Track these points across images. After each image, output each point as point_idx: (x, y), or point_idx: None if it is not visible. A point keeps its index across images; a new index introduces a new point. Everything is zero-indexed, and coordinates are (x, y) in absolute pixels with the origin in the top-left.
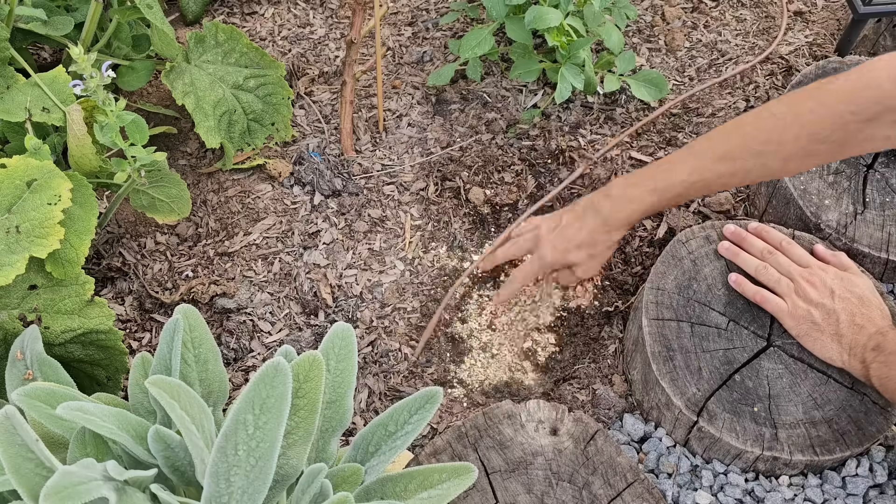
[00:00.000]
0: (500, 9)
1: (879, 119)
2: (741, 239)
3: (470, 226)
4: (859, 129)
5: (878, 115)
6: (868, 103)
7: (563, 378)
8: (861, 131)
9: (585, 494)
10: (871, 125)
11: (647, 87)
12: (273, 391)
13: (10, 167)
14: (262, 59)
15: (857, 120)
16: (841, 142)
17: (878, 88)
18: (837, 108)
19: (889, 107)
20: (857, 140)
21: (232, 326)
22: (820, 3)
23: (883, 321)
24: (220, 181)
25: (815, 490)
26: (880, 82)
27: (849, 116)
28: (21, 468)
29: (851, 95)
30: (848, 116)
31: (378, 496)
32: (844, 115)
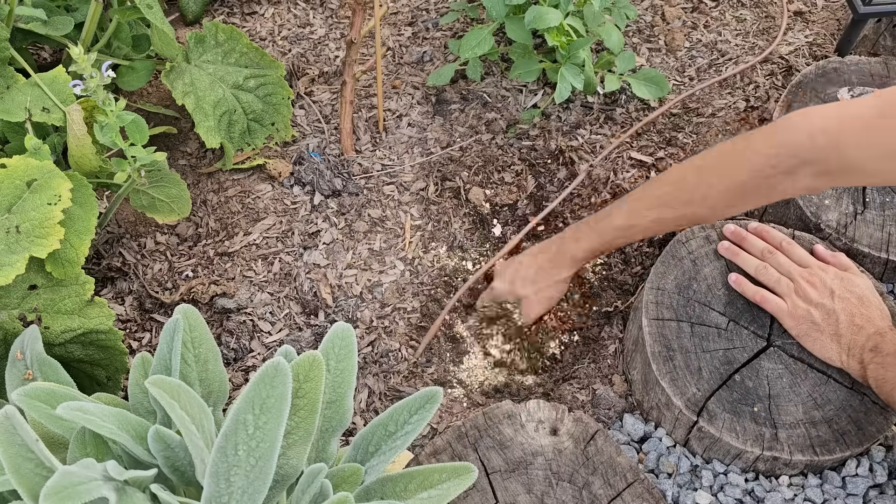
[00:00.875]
0: (500, 9)
1: (798, 172)
2: (741, 239)
3: (470, 226)
4: (780, 181)
5: (797, 168)
6: (787, 158)
7: (563, 378)
8: (781, 183)
9: (585, 494)
10: (791, 177)
11: (647, 85)
12: (273, 391)
13: (10, 167)
14: (262, 59)
15: (778, 173)
16: (763, 194)
17: (797, 145)
18: (761, 164)
19: (807, 160)
20: (779, 191)
21: (232, 326)
22: (820, 3)
23: (882, 322)
24: (220, 181)
25: (815, 490)
26: (799, 139)
27: (769, 170)
28: (21, 468)
29: (773, 152)
30: (769, 170)
31: (378, 496)
32: (765, 170)
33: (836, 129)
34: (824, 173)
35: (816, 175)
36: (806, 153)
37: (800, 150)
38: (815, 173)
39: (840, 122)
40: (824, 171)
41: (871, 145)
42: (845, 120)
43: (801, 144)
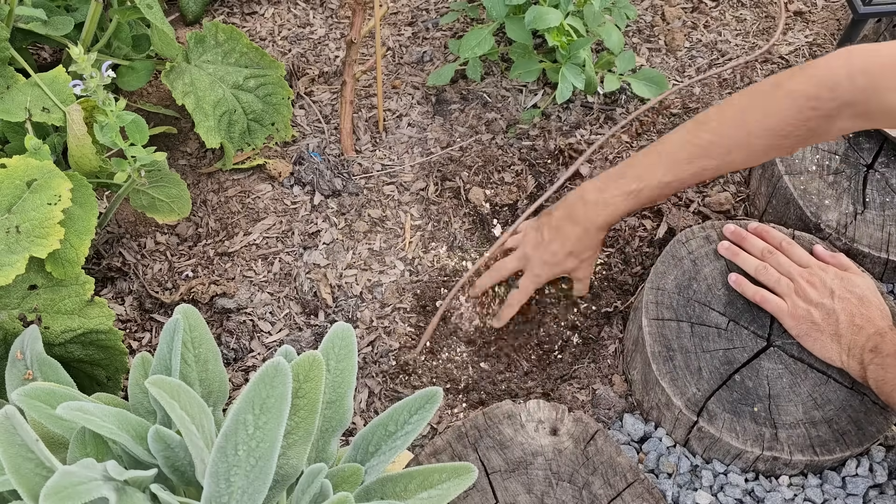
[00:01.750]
0: (500, 9)
1: (838, 114)
2: (741, 239)
3: (470, 226)
4: (819, 123)
5: (837, 110)
6: (826, 99)
7: (563, 378)
8: (821, 125)
9: (585, 494)
10: (830, 119)
11: (647, 85)
12: (273, 391)
13: (10, 167)
14: (262, 59)
15: (818, 115)
16: (803, 136)
17: (837, 86)
18: (800, 105)
19: (846, 101)
20: (818, 133)
21: (232, 326)
22: (820, 3)
23: (882, 322)
24: (220, 181)
25: (815, 490)
26: (838, 79)
27: (810, 112)
28: (21, 468)
29: (812, 93)
30: (809, 112)
31: (378, 496)
32: (805, 111)
33: (878, 70)
34: (863, 115)
35: (855, 116)
36: (846, 94)
37: (840, 91)
38: (854, 114)
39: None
40: (863, 112)
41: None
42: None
43: (840, 85)
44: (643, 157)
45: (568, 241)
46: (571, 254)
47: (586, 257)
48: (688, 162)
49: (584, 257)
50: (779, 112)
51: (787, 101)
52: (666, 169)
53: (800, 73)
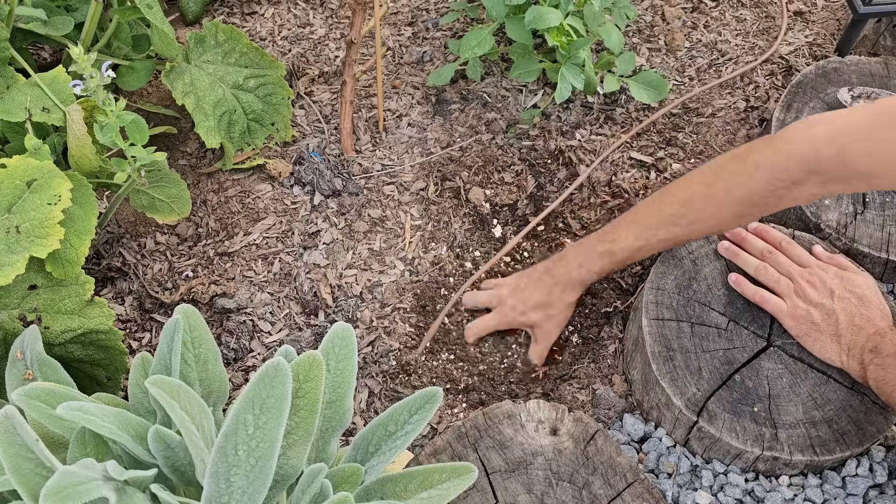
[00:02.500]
0: (500, 9)
1: (805, 182)
2: (741, 239)
3: (470, 226)
4: (787, 191)
5: (804, 179)
6: (795, 171)
7: (563, 378)
8: (789, 193)
9: (585, 494)
10: (797, 188)
11: (646, 89)
12: (273, 391)
13: (10, 167)
14: (262, 59)
15: (785, 185)
16: (771, 204)
17: (803, 158)
18: (767, 177)
19: (813, 171)
20: (785, 200)
21: (232, 326)
22: (820, 3)
23: (882, 322)
24: (220, 181)
25: (815, 490)
26: (803, 153)
27: (778, 183)
28: (21, 468)
29: (780, 165)
30: (777, 183)
31: (378, 496)
32: (774, 183)
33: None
34: (832, 181)
35: (824, 183)
36: (812, 164)
37: (806, 162)
38: (822, 182)
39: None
40: (832, 179)
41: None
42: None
43: (806, 156)
44: (619, 223)
45: (539, 292)
46: (539, 306)
47: (552, 314)
48: (656, 229)
49: (551, 314)
50: (746, 184)
51: (754, 173)
52: (636, 235)
53: (765, 147)
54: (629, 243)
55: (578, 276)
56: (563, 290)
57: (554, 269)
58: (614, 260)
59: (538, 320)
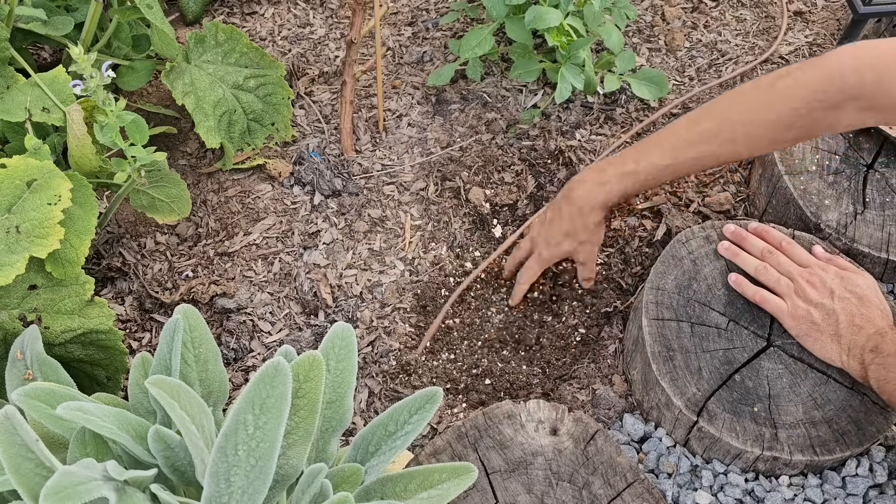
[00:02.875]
0: (500, 9)
1: (843, 107)
2: (741, 239)
3: (470, 226)
4: (824, 115)
5: (842, 104)
6: (833, 93)
7: (563, 378)
8: (826, 118)
9: (585, 494)
10: (835, 112)
11: (647, 85)
12: (273, 391)
13: (10, 167)
14: (262, 59)
15: (823, 108)
16: (807, 127)
17: (842, 79)
18: (805, 98)
19: (852, 96)
20: (822, 125)
21: (232, 326)
22: (820, 3)
23: (883, 322)
24: (220, 181)
25: (815, 490)
26: (844, 74)
27: (815, 104)
28: (21, 468)
29: (819, 86)
30: (815, 104)
31: (378, 496)
32: (811, 104)
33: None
34: (870, 108)
35: (862, 110)
36: (852, 89)
37: (846, 86)
38: (861, 108)
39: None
40: (871, 106)
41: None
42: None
43: (847, 79)
44: (643, 142)
45: (564, 222)
46: (568, 235)
47: (583, 240)
48: (687, 146)
49: (581, 239)
50: (784, 102)
51: (793, 91)
52: (664, 152)
53: (808, 66)
54: (654, 162)
55: (600, 198)
56: (587, 213)
57: (573, 192)
58: (638, 180)
59: (572, 248)
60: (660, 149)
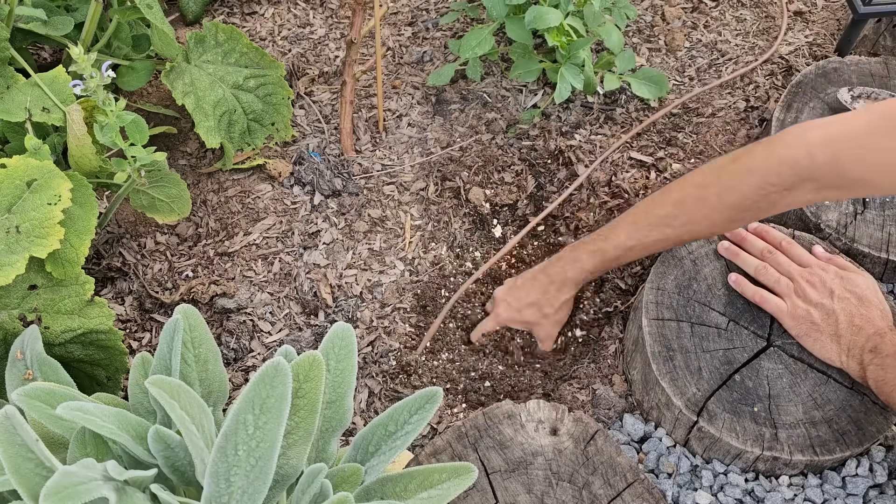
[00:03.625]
0: (500, 9)
1: (799, 188)
2: (741, 239)
3: (470, 226)
4: (780, 197)
5: (797, 185)
6: (787, 176)
7: (563, 378)
8: (782, 199)
9: (585, 494)
10: (790, 193)
11: (647, 85)
12: (273, 391)
13: (10, 167)
14: (262, 59)
15: (778, 191)
16: (765, 209)
17: (796, 164)
18: (760, 181)
19: (806, 178)
20: (778, 206)
21: (232, 326)
22: (820, 3)
23: (882, 322)
24: (220, 181)
25: (815, 490)
26: (796, 157)
27: (770, 188)
28: (21, 468)
29: (773, 169)
30: (769, 188)
31: (378, 496)
32: (766, 188)
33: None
34: (826, 188)
35: (819, 189)
36: (805, 171)
37: (800, 169)
38: (816, 188)
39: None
40: (826, 185)
41: (869, 160)
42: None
43: (799, 162)
44: (615, 223)
45: (534, 291)
46: (534, 304)
47: (548, 313)
48: (649, 229)
49: (546, 313)
50: (739, 188)
51: (747, 177)
52: (628, 234)
53: (759, 150)
54: (621, 242)
55: (572, 274)
56: (558, 288)
57: (549, 268)
58: (606, 258)
59: (534, 319)
60: (626, 230)
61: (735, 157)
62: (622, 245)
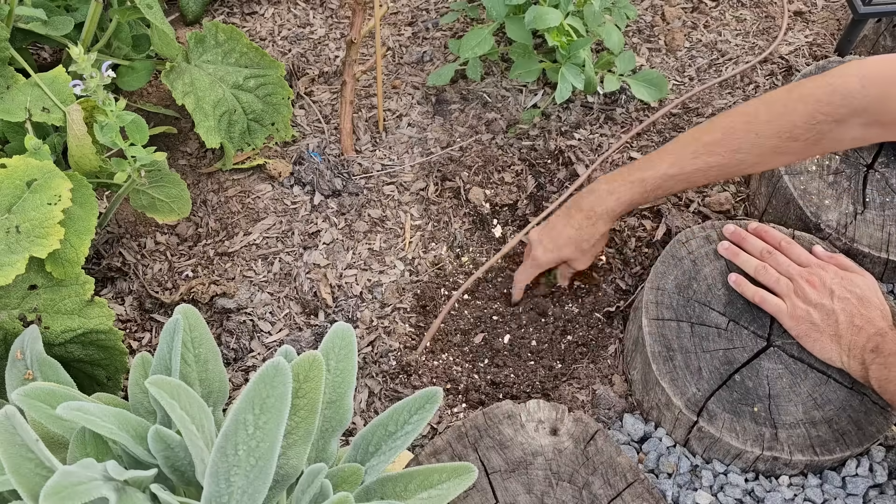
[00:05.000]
0: (500, 9)
1: (848, 121)
2: (741, 239)
3: (470, 226)
4: (830, 129)
5: (848, 118)
6: (839, 106)
7: (563, 378)
8: (832, 131)
9: (585, 494)
10: (840, 126)
11: (647, 87)
12: (273, 391)
13: (10, 167)
14: (262, 59)
15: (829, 121)
16: (813, 140)
17: (848, 93)
18: (811, 110)
19: (857, 110)
20: (828, 139)
21: (232, 326)
22: (820, 3)
23: (883, 322)
24: (220, 181)
25: (815, 490)
26: (850, 88)
27: (821, 117)
28: (21, 468)
29: (824, 98)
30: (820, 117)
31: (378, 496)
32: (816, 116)
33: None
34: (875, 124)
35: (867, 125)
36: (857, 102)
37: (851, 99)
38: (865, 123)
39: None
40: (875, 121)
41: None
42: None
43: (852, 92)
44: (654, 153)
45: (571, 227)
46: (571, 240)
47: (586, 248)
48: (693, 157)
49: (584, 248)
50: (789, 113)
51: (798, 103)
52: (671, 162)
53: (813, 79)
54: (662, 171)
55: (609, 206)
56: (594, 221)
57: (583, 200)
58: (645, 189)
59: (571, 255)
60: (668, 159)
61: (789, 88)
62: (664, 174)
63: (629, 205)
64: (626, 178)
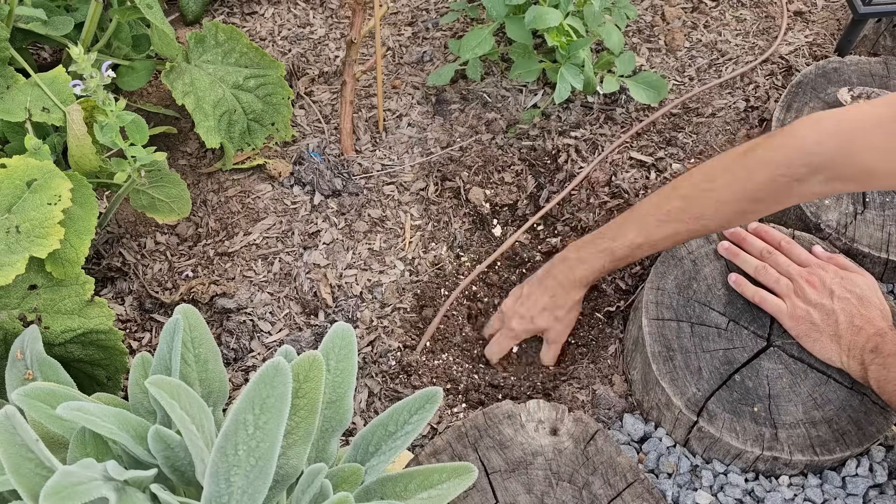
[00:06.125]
0: (500, 9)
1: (809, 179)
2: (741, 239)
3: (470, 226)
4: (790, 188)
5: (808, 176)
6: (799, 167)
7: (563, 378)
8: (792, 190)
9: (585, 494)
10: (801, 184)
11: (645, 89)
12: (273, 391)
13: (10, 167)
14: (262, 59)
15: (788, 181)
16: (774, 200)
17: (807, 153)
18: (771, 173)
19: (818, 167)
20: (790, 198)
21: (232, 326)
22: (820, 3)
23: (882, 322)
24: (220, 181)
25: (815, 490)
26: (808, 147)
27: (782, 180)
28: (21, 468)
29: (783, 161)
30: (782, 180)
31: (378, 496)
32: (777, 178)
33: (847, 132)
34: (837, 178)
35: (828, 181)
36: (817, 160)
37: (811, 157)
38: (826, 179)
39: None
40: (836, 176)
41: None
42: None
43: (810, 151)
44: (618, 220)
45: (544, 296)
46: (545, 309)
47: (560, 316)
48: (658, 224)
49: (558, 315)
50: (749, 178)
51: (757, 167)
52: (637, 231)
53: (770, 141)
54: (629, 240)
55: (580, 275)
56: (567, 290)
57: (554, 269)
58: (615, 257)
59: (547, 324)
60: (634, 227)
61: (745, 149)
62: (631, 243)
63: (600, 272)
64: (596, 247)
